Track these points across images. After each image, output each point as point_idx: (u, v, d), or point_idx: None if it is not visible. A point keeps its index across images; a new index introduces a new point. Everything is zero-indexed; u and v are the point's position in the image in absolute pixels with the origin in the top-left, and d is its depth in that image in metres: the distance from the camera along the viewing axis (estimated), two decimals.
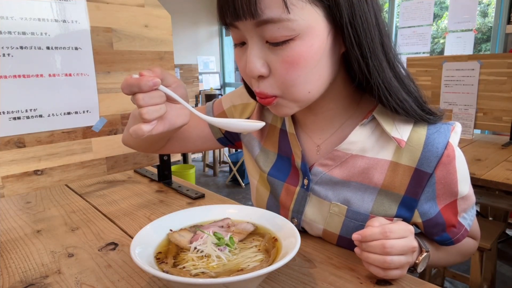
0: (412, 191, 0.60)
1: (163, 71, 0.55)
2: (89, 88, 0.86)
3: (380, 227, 0.53)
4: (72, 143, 0.85)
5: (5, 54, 0.73)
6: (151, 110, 0.51)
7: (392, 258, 0.52)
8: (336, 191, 0.65)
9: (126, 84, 0.51)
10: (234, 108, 0.82)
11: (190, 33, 5.47)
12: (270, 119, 0.77)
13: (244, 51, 0.55)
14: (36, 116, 0.79)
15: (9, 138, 0.76)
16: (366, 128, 0.62)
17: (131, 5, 0.90)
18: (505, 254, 2.38)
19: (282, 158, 0.72)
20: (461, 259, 0.72)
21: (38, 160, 0.81)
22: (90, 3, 0.83)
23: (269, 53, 0.52)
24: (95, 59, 0.86)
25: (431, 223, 0.62)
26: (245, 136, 0.80)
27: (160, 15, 0.96)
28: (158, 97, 0.52)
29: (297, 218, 0.70)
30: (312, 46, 0.51)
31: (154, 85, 0.50)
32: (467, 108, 2.00)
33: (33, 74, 0.77)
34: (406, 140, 0.59)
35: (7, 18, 0.73)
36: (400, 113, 0.58)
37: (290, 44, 0.50)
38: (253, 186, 0.80)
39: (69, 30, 0.81)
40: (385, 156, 0.61)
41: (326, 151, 0.66)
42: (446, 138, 0.58)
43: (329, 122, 0.66)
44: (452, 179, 0.59)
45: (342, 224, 0.64)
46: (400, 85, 0.57)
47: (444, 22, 4.47)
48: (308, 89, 0.55)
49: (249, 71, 0.53)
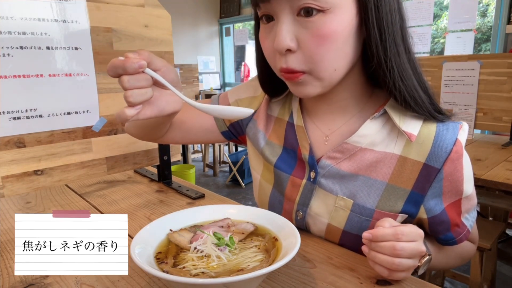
0: (420, 186, 0.60)
1: (151, 55, 0.53)
2: (89, 88, 0.86)
3: (392, 228, 0.52)
4: (72, 143, 0.85)
5: (5, 54, 0.73)
6: (136, 93, 0.50)
7: (401, 261, 0.51)
8: (343, 185, 0.65)
9: (112, 66, 0.50)
10: (240, 102, 0.82)
11: (190, 33, 5.47)
12: (277, 112, 0.77)
13: (271, 28, 0.57)
14: (36, 116, 0.79)
15: (9, 138, 0.76)
16: (377, 122, 0.63)
17: (131, 5, 0.90)
18: (505, 254, 2.38)
19: (288, 151, 0.72)
20: (460, 262, 0.72)
21: (38, 160, 0.81)
22: (90, 3, 0.83)
23: (299, 28, 0.53)
24: (95, 59, 0.85)
25: (436, 220, 0.62)
26: (250, 130, 0.80)
27: (160, 15, 0.96)
28: (144, 80, 0.50)
29: (302, 211, 0.69)
30: (342, 22, 0.53)
31: (139, 67, 0.49)
32: (467, 108, 2.00)
33: (33, 74, 0.77)
34: (416, 135, 0.60)
35: (7, 18, 0.73)
36: (411, 106, 0.59)
37: (322, 18, 0.52)
38: (255, 181, 0.79)
39: (69, 30, 0.81)
40: (394, 150, 0.62)
41: (334, 142, 0.66)
42: (455, 135, 0.59)
43: (341, 112, 0.67)
44: (458, 177, 0.60)
45: (347, 218, 0.64)
46: (414, 74, 0.59)
47: (444, 22, 4.47)
48: (334, 67, 0.56)
49: (278, 44, 0.54)
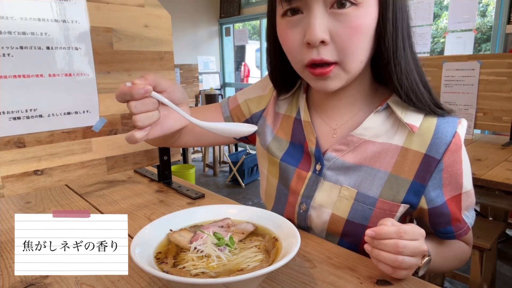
0: (421, 176, 0.63)
1: (157, 77, 0.56)
2: (89, 88, 0.85)
3: (395, 226, 0.53)
4: (72, 143, 0.85)
5: (5, 54, 0.73)
6: (143, 117, 0.53)
7: (404, 258, 0.52)
8: (348, 176, 0.67)
9: (120, 93, 0.52)
10: (249, 101, 0.85)
11: (190, 33, 5.46)
12: (285, 109, 0.79)
13: (298, 21, 0.58)
14: (36, 116, 0.79)
15: (9, 138, 0.76)
16: (381, 115, 0.66)
17: (131, 5, 0.90)
18: (505, 254, 2.38)
19: (295, 146, 0.75)
20: (457, 264, 0.73)
21: (38, 160, 0.81)
22: (90, 3, 0.83)
23: (332, 20, 0.56)
24: (95, 59, 0.85)
25: (437, 211, 0.64)
26: (260, 127, 0.83)
27: (160, 15, 0.96)
28: (151, 104, 0.53)
29: (306, 203, 0.71)
30: (370, 15, 0.56)
31: (145, 92, 0.52)
32: (467, 108, 2.00)
33: (33, 74, 0.77)
34: (418, 126, 0.63)
35: (7, 18, 0.73)
36: (413, 100, 0.61)
37: (355, 11, 0.55)
38: (263, 176, 0.81)
39: (69, 30, 0.81)
40: (397, 142, 0.64)
41: (341, 136, 0.69)
42: (454, 128, 0.62)
43: (349, 107, 0.69)
44: (458, 169, 0.62)
45: (350, 207, 0.66)
46: (416, 70, 0.62)
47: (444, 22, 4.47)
48: (361, 59, 0.59)
49: (313, 36, 0.55)
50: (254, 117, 0.84)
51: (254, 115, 0.84)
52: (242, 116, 0.85)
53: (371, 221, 0.65)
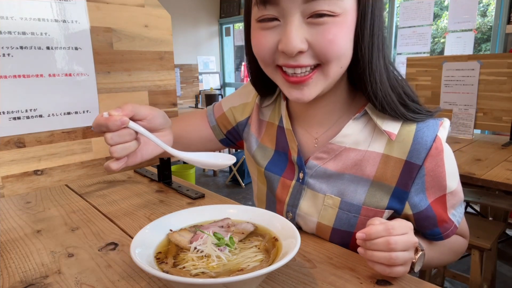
0: (403, 183, 0.62)
1: (135, 106, 0.55)
2: (89, 88, 0.85)
3: (383, 224, 0.53)
4: (72, 143, 0.85)
5: (5, 54, 0.73)
6: (120, 148, 0.53)
7: (397, 254, 0.52)
8: (330, 184, 0.66)
9: (96, 124, 0.52)
10: (234, 109, 0.84)
11: (190, 33, 5.46)
12: (268, 116, 0.79)
13: (274, 28, 0.57)
14: (36, 116, 0.79)
15: (9, 138, 0.76)
16: (359, 122, 0.65)
17: (131, 5, 0.90)
18: (505, 254, 2.38)
19: (279, 154, 0.74)
20: (454, 257, 0.74)
21: (38, 160, 0.81)
22: (90, 3, 0.83)
23: (309, 29, 0.55)
24: (95, 59, 0.85)
25: (421, 216, 0.64)
26: (247, 134, 0.82)
27: (160, 15, 0.96)
28: (127, 135, 0.53)
29: (292, 212, 0.71)
30: (348, 24, 0.55)
31: (122, 124, 0.51)
32: (467, 108, 2.00)
33: (33, 74, 0.77)
34: (396, 134, 0.62)
35: (7, 18, 0.73)
36: (387, 110, 0.61)
37: (333, 21, 0.54)
38: (254, 183, 0.82)
39: (69, 30, 0.81)
40: (377, 149, 0.64)
41: (323, 144, 0.68)
42: (435, 132, 0.61)
43: (327, 116, 0.68)
44: (440, 172, 0.61)
45: (335, 216, 0.66)
46: (388, 79, 0.61)
47: (444, 22, 4.47)
48: (341, 64, 0.58)
49: (290, 46, 0.54)
50: (240, 125, 0.84)
51: (240, 123, 0.84)
52: (229, 124, 0.85)
53: (357, 228, 0.66)
